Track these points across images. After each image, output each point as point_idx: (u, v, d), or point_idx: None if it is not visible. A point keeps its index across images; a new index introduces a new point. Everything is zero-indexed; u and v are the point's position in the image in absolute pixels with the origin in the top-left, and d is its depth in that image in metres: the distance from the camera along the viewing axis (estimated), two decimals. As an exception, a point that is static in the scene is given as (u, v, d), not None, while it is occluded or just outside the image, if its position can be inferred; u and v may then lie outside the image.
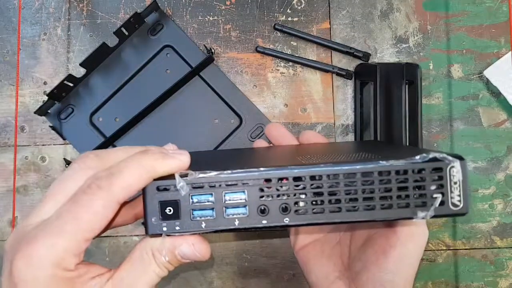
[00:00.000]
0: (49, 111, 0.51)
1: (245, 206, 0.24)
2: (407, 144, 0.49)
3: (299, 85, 0.52)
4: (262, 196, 0.24)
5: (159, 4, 0.52)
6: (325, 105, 0.52)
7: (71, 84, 0.50)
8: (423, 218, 0.23)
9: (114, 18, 0.53)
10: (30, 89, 0.52)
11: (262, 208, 0.24)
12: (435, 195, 0.23)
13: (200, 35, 0.52)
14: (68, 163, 0.50)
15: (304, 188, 0.23)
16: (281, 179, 0.24)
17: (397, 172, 0.23)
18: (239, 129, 0.51)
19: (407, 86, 0.49)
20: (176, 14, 0.53)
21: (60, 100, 0.51)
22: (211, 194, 0.24)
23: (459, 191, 0.23)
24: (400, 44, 0.52)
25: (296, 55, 0.52)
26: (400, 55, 0.52)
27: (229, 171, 0.24)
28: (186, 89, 0.52)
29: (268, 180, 0.24)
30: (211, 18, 0.53)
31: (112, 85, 0.52)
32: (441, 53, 0.52)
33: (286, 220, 0.24)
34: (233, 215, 0.24)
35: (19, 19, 0.52)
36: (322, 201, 0.23)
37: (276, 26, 0.52)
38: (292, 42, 0.53)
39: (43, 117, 0.52)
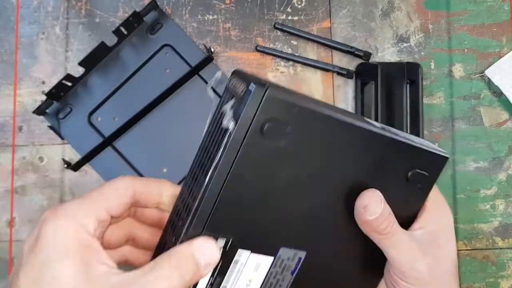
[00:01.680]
0: (47, 110, 0.51)
1: None
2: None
3: (300, 85, 0.52)
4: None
5: (158, 3, 0.51)
6: (325, 105, 0.52)
7: (69, 84, 0.50)
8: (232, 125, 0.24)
9: (113, 17, 0.52)
10: (28, 89, 0.52)
11: None
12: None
13: (200, 34, 0.52)
14: (66, 163, 0.50)
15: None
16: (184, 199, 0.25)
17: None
18: (239, 129, 0.51)
19: (408, 85, 0.49)
20: (176, 13, 0.52)
21: (59, 99, 0.51)
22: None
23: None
24: (401, 43, 0.52)
25: (297, 55, 0.52)
26: (401, 55, 0.52)
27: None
28: (186, 89, 0.51)
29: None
30: (210, 17, 0.52)
31: (111, 84, 0.51)
32: (443, 52, 0.52)
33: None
34: None
35: (17, 18, 0.52)
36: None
37: (276, 25, 0.52)
38: (292, 41, 0.52)
39: (41, 117, 0.51)
